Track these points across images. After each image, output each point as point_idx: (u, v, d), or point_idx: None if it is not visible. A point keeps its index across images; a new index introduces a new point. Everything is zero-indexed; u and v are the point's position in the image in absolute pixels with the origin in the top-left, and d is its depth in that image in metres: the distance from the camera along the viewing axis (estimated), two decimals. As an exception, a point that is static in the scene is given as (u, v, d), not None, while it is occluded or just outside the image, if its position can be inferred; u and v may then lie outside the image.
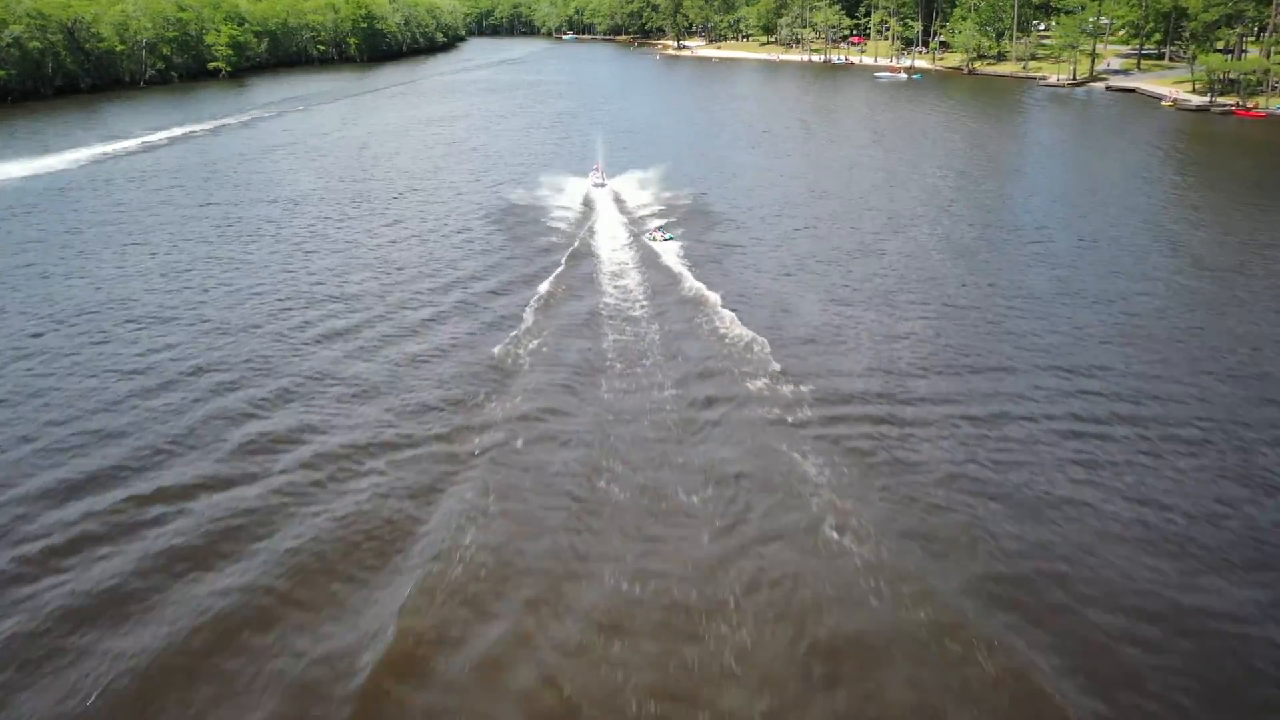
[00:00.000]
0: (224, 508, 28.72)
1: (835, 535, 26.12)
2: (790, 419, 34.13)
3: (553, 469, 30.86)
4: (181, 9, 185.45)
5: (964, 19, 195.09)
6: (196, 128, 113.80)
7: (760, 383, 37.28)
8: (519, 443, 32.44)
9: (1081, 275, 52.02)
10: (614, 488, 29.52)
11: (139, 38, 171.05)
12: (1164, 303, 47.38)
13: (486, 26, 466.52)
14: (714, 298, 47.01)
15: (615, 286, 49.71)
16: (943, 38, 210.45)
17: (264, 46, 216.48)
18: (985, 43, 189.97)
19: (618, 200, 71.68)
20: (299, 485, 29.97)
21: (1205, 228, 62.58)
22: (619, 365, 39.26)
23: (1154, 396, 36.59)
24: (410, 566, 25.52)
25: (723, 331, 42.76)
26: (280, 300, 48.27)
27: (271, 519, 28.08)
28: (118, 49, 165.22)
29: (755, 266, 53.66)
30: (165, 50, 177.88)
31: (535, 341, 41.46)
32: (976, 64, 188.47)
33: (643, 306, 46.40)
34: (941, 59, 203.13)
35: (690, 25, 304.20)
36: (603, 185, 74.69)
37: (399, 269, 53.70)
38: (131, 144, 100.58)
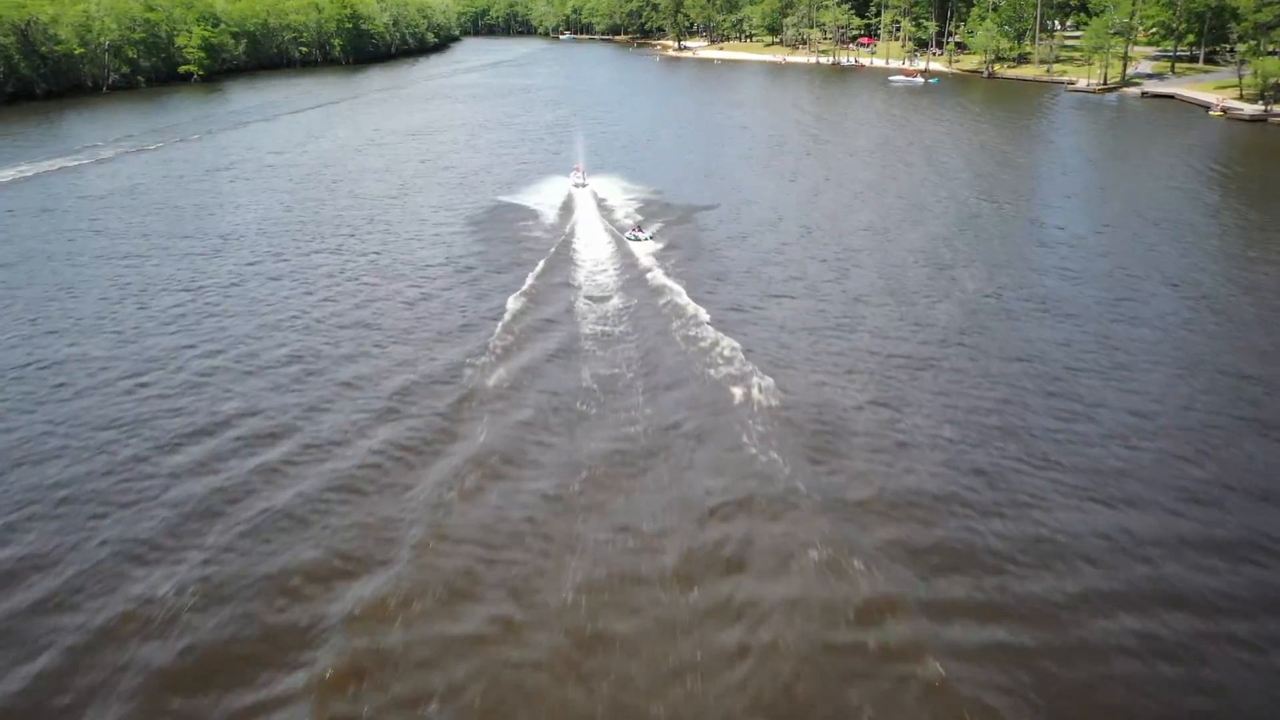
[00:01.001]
0: None
1: None
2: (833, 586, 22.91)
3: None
4: (150, 9, 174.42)
5: (982, 19, 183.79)
6: (144, 143, 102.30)
7: (784, 505, 27.40)
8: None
9: (1181, 356, 40.61)
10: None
11: (102, 40, 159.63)
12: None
13: (482, 26, 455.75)
14: (754, 387, 35.76)
15: (600, 351, 39.20)
16: (959, 39, 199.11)
17: (242, 48, 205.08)
18: (1004, 44, 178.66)
19: (602, 208, 67.62)
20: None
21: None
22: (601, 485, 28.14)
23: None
24: None
25: (748, 444, 31.54)
26: (168, 390, 36.84)
27: None
28: (76, 52, 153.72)
29: (779, 321, 42.24)
30: (131, 53, 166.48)
31: (474, 476, 29.97)
32: (996, 67, 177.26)
33: (645, 389, 35.22)
34: (957, 61, 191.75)
35: (691, 25, 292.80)
36: (584, 185, 73.22)
37: (331, 343, 42.13)
38: (61, 163, 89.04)
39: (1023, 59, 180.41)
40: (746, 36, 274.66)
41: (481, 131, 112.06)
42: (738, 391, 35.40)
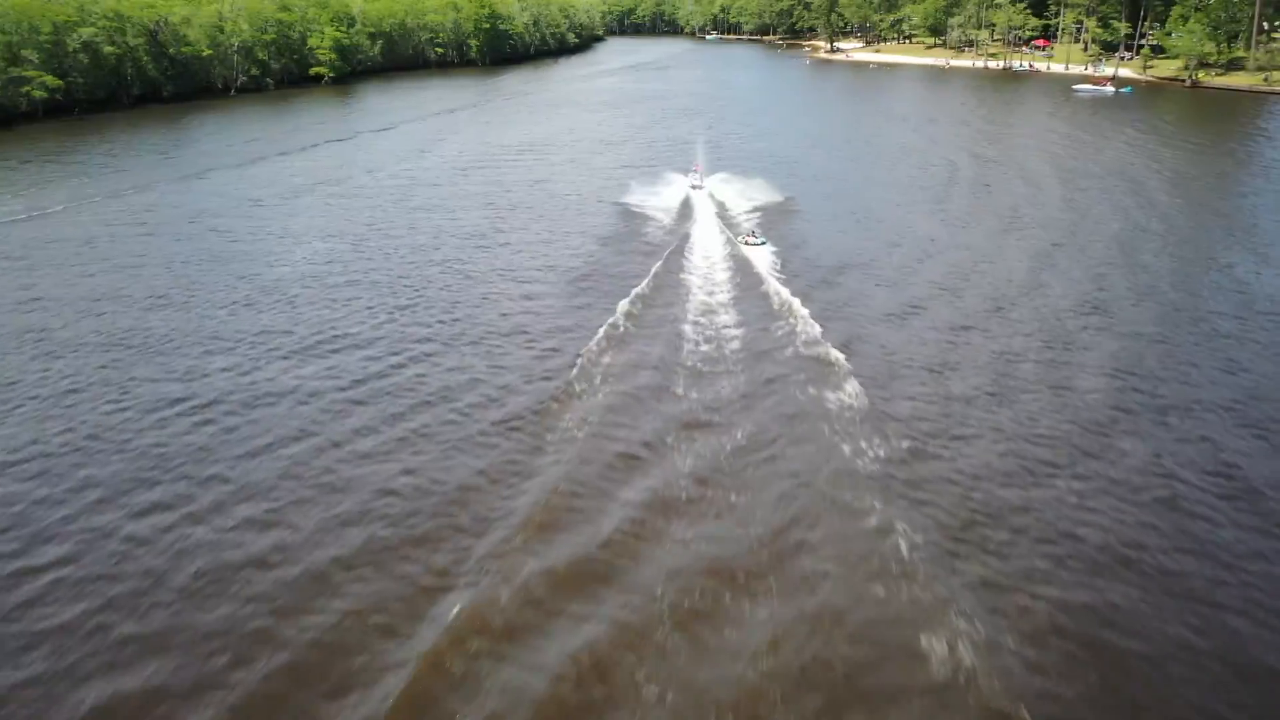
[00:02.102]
0: None
1: None
2: None
3: None
4: (285, 8, 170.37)
5: (1185, 19, 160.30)
6: (240, 157, 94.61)
7: None
8: None
9: None
10: None
11: (232, 41, 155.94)
12: None
13: (628, 25, 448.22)
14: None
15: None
16: (1155, 41, 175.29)
17: (378, 49, 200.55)
18: (1210, 47, 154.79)
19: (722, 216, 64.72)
20: None
21: None
22: None
23: None
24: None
25: None
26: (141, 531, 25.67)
27: None
28: (205, 53, 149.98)
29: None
30: (261, 55, 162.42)
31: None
32: (1199, 74, 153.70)
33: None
34: (1150, 67, 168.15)
35: (846, 25, 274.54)
36: (700, 187, 72.60)
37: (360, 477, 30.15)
38: (136, 180, 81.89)
39: (1233, 65, 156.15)
40: (904, 38, 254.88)
41: (604, 148, 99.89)
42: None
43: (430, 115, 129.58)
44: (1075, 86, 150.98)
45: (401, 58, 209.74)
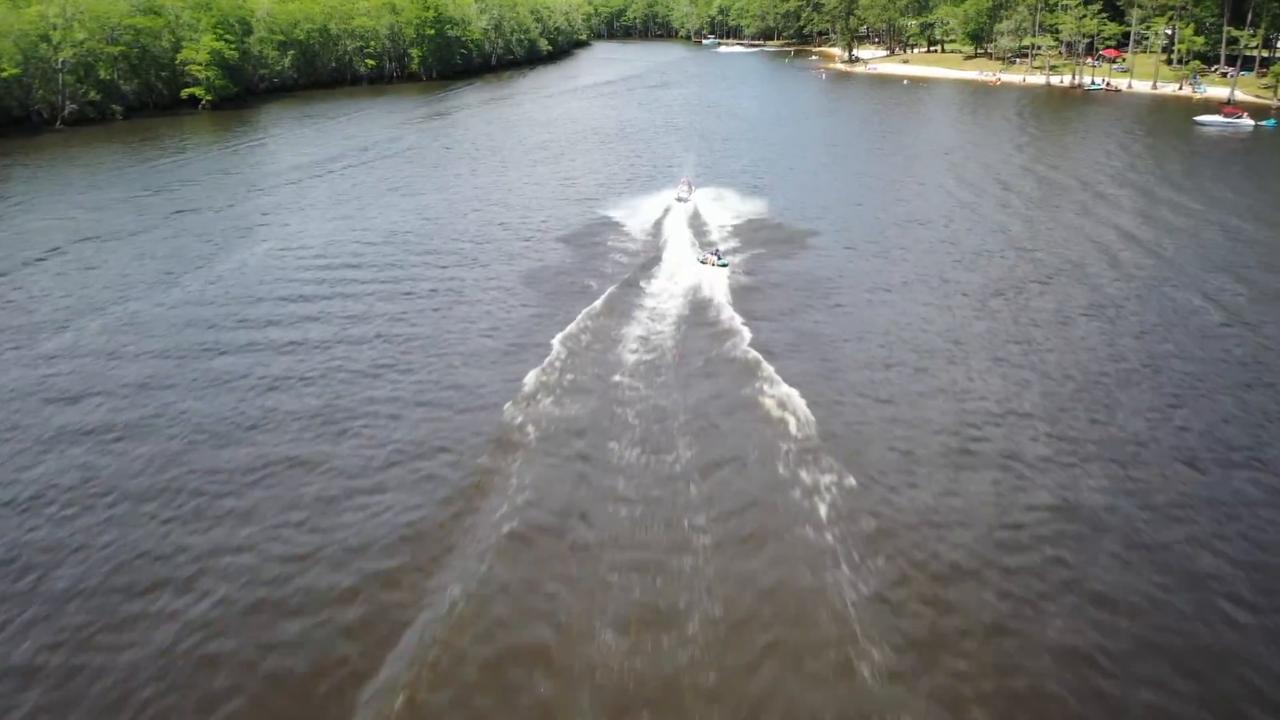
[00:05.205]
0: None
1: None
2: None
3: None
4: (150, 10, 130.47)
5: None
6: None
7: None
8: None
9: None
10: None
11: (58, 55, 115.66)
12: None
13: (618, 28, 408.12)
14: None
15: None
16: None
17: (289, 62, 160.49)
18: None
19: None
20: None
21: None
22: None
23: None
24: None
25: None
26: None
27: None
28: (7, 74, 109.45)
29: None
30: (104, 73, 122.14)
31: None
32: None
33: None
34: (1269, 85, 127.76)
35: (865, 30, 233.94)
36: (686, 200, 67.53)
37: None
38: None
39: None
40: (934, 45, 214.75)
41: (519, 244, 59.89)
42: None
43: (286, 172, 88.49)
44: (1198, 119, 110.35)
45: (322, 72, 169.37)
